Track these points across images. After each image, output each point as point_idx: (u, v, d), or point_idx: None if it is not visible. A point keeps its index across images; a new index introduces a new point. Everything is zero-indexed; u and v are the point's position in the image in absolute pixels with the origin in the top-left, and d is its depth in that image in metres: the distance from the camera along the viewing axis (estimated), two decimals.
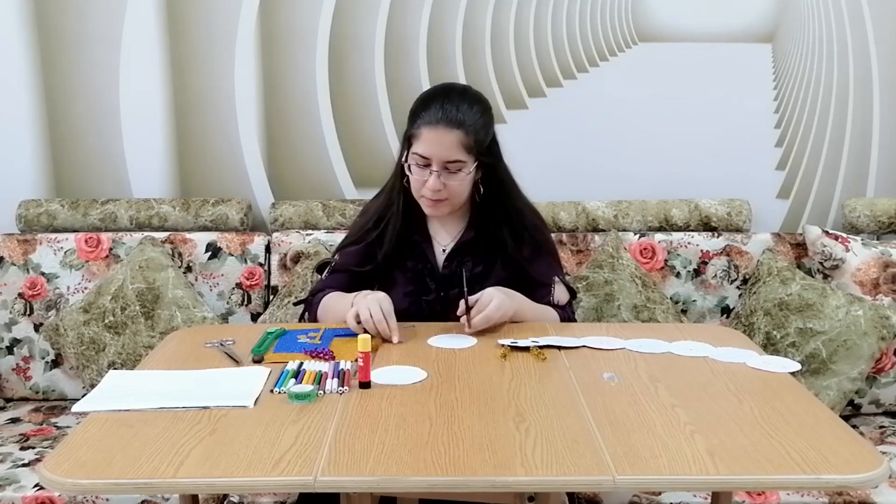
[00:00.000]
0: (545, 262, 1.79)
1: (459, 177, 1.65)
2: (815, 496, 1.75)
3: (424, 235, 1.78)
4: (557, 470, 1.06)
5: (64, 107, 2.38)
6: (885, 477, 1.07)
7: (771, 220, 2.46)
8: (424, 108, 1.64)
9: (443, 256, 1.78)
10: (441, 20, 2.37)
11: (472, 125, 1.63)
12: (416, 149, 1.64)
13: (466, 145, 1.63)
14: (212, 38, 2.35)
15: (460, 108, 1.63)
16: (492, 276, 1.73)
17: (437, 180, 1.63)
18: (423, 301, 1.76)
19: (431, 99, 1.66)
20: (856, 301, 2.10)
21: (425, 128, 1.62)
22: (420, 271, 1.77)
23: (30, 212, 2.32)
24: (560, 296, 1.80)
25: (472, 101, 1.67)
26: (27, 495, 1.74)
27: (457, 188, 1.66)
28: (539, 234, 1.79)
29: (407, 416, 1.22)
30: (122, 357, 2.14)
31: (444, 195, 1.66)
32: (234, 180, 2.43)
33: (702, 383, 1.37)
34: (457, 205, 1.71)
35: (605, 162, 2.44)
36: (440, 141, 1.61)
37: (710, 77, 2.40)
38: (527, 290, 1.75)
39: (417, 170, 1.66)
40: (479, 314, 1.58)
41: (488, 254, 1.76)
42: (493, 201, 1.74)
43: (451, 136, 1.61)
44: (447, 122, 1.61)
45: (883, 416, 2.17)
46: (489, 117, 1.70)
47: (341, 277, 1.78)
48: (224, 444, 1.13)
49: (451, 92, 1.68)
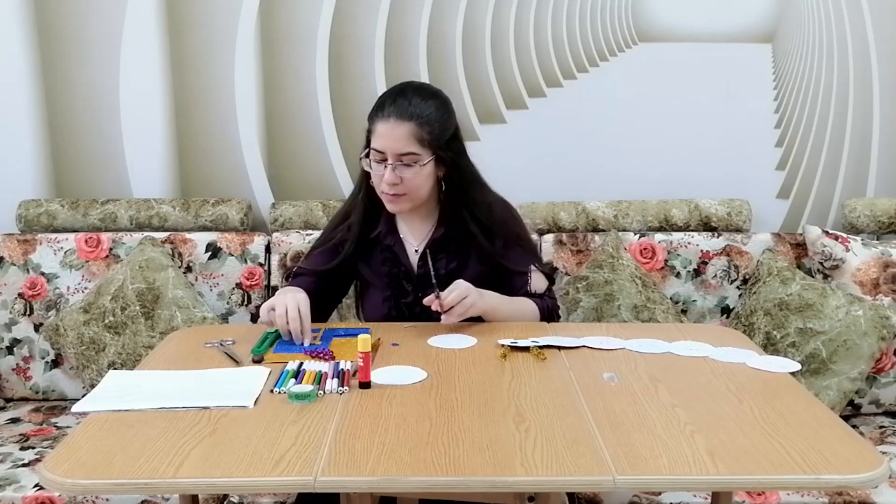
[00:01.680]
0: (518, 252, 1.80)
1: (414, 170, 1.66)
2: (815, 496, 1.75)
3: (395, 238, 1.79)
4: (557, 470, 1.06)
5: (64, 107, 2.38)
6: (885, 477, 1.08)
7: (771, 220, 2.46)
8: (379, 106, 1.69)
9: (416, 257, 1.78)
10: (441, 20, 2.37)
11: (424, 118, 1.66)
12: (373, 143, 1.68)
13: (419, 138, 1.65)
14: (212, 38, 2.35)
15: (412, 101, 1.66)
16: (467, 272, 1.73)
17: (392, 173, 1.65)
18: (402, 304, 1.77)
19: (387, 95, 1.71)
20: (856, 301, 2.10)
21: (379, 122, 1.66)
22: (395, 275, 1.77)
23: (30, 212, 2.32)
24: (538, 284, 1.80)
25: (426, 95, 1.70)
26: (27, 495, 1.74)
27: (412, 181, 1.67)
28: (507, 226, 1.79)
29: (407, 416, 1.22)
30: (122, 357, 2.14)
31: (401, 189, 1.67)
32: (234, 180, 2.43)
33: (702, 383, 1.37)
34: (417, 200, 1.72)
35: (605, 162, 2.44)
36: (392, 134, 1.64)
37: (710, 77, 2.40)
38: (504, 282, 1.76)
39: (376, 165, 1.68)
40: (450, 295, 1.59)
41: (460, 250, 1.77)
42: (458, 197, 1.74)
43: (403, 128, 1.64)
44: (398, 115, 1.65)
45: (883, 416, 2.16)
46: (446, 111, 1.71)
47: (306, 281, 1.77)
48: (224, 444, 1.13)
49: (406, 88, 1.72)
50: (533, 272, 1.79)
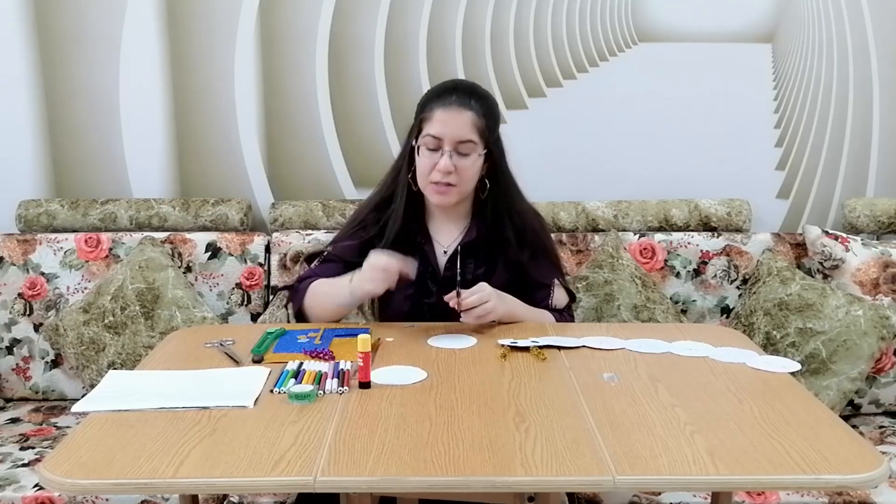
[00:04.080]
0: (544, 264, 1.80)
1: (471, 159, 1.67)
2: (815, 496, 1.75)
3: (425, 236, 1.79)
4: (557, 470, 1.06)
5: (64, 107, 2.38)
6: (885, 477, 1.08)
7: (771, 220, 2.46)
8: (437, 95, 1.70)
9: (444, 259, 1.78)
10: (441, 20, 2.37)
11: (483, 110, 1.69)
12: (428, 130, 1.67)
13: (478, 127, 1.67)
14: (212, 38, 2.35)
15: (472, 95, 1.70)
16: (493, 279, 1.73)
17: (448, 161, 1.65)
18: (425, 304, 1.76)
19: (443, 87, 1.73)
20: (856, 301, 2.10)
21: (438, 109, 1.67)
22: (421, 274, 1.76)
23: (30, 212, 2.32)
24: (559, 299, 1.80)
25: (481, 92, 1.74)
26: (27, 495, 1.74)
27: (466, 172, 1.68)
28: (539, 237, 1.80)
29: (407, 416, 1.22)
30: (122, 357, 2.14)
31: (453, 179, 1.67)
32: (234, 180, 2.43)
33: (702, 383, 1.37)
34: (463, 193, 1.72)
35: (605, 162, 2.44)
36: (454, 120, 1.66)
37: (710, 77, 2.40)
38: (526, 292, 1.76)
39: (428, 153, 1.68)
40: (471, 297, 1.60)
41: (490, 256, 1.77)
42: (495, 200, 1.75)
43: (465, 115, 1.66)
44: (460, 104, 1.67)
45: (883, 416, 2.17)
46: (496, 112, 1.76)
47: (335, 268, 1.77)
48: (224, 444, 1.13)
49: (462, 83, 1.76)
50: (556, 286, 1.80)
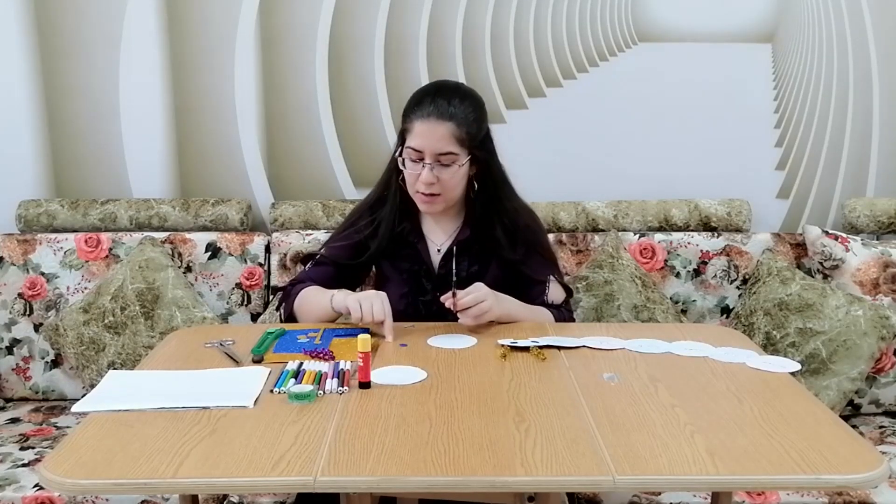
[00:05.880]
0: (538, 260, 1.80)
1: (452, 170, 1.66)
2: (815, 496, 1.75)
3: (419, 235, 1.79)
4: (557, 470, 1.06)
5: (64, 107, 2.38)
6: (884, 477, 1.07)
7: (771, 220, 2.46)
8: (417, 104, 1.67)
9: (438, 257, 1.78)
10: (441, 20, 2.37)
11: (463, 118, 1.65)
12: (409, 143, 1.67)
13: (458, 137, 1.65)
14: (211, 38, 2.35)
15: (451, 101, 1.66)
16: (487, 276, 1.73)
17: (429, 173, 1.65)
18: (420, 302, 1.76)
19: (423, 94, 1.69)
20: (856, 301, 2.09)
21: (417, 121, 1.65)
22: (415, 272, 1.77)
23: (30, 212, 2.32)
24: (555, 295, 1.80)
25: (463, 95, 1.70)
26: (27, 495, 1.74)
27: (449, 182, 1.67)
28: (532, 234, 1.80)
29: (407, 416, 1.21)
30: (121, 357, 2.14)
31: (437, 189, 1.67)
32: (234, 180, 2.43)
33: (702, 383, 1.37)
34: (450, 200, 1.72)
35: (604, 162, 2.44)
36: (432, 133, 1.64)
37: (710, 77, 2.40)
38: (521, 289, 1.76)
39: (411, 164, 1.68)
40: (467, 297, 1.59)
41: (483, 253, 1.77)
42: (487, 199, 1.75)
43: (443, 128, 1.64)
44: (438, 115, 1.64)
45: (883, 416, 2.17)
46: (482, 112, 1.72)
47: (327, 270, 1.78)
48: (224, 444, 1.13)
49: (443, 88, 1.71)
50: (551, 282, 1.80)
